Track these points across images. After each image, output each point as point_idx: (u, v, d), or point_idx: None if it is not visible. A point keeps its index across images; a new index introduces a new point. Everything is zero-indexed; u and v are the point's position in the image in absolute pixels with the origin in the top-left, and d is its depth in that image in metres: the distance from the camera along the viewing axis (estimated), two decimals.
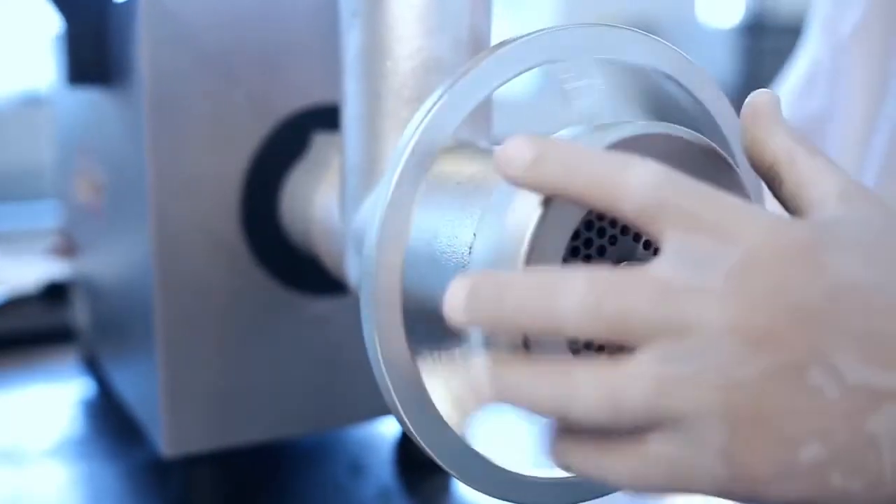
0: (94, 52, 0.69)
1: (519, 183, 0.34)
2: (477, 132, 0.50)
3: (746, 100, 0.39)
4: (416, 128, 0.39)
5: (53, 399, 0.90)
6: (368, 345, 0.40)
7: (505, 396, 0.33)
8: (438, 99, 0.39)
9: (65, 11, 0.70)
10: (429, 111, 0.39)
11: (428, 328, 0.42)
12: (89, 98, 0.77)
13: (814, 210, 0.36)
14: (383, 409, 0.42)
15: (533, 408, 0.32)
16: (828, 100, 0.69)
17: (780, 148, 0.37)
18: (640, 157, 0.33)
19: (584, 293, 0.31)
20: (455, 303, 0.33)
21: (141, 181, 0.62)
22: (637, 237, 0.39)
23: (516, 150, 0.33)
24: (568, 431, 0.34)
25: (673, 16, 3.71)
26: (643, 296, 0.31)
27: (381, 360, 0.39)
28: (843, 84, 0.65)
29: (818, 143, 0.69)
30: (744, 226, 0.32)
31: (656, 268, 0.32)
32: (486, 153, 0.47)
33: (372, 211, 0.40)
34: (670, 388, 0.31)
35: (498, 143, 0.39)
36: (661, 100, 0.44)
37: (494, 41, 0.43)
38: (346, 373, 0.68)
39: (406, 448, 0.74)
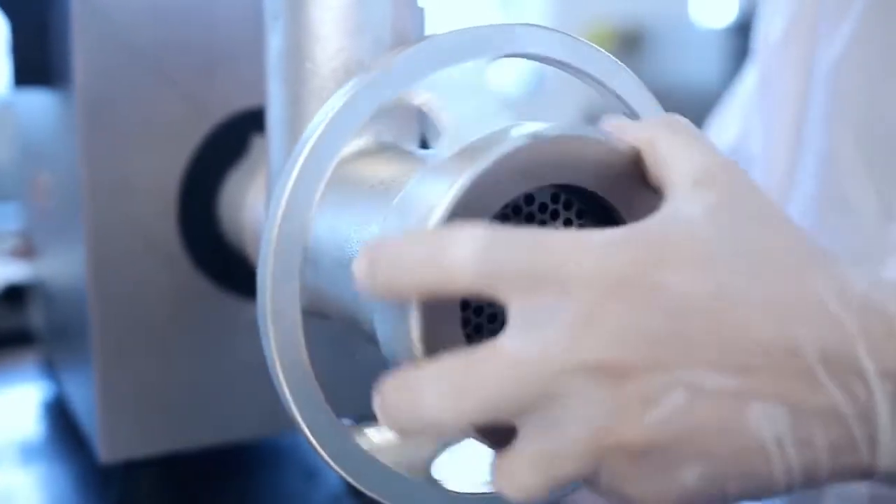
0: (36, 53, 0.69)
1: (372, 295, 0.34)
2: (402, 134, 0.49)
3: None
4: (314, 132, 0.38)
5: (11, 402, 0.90)
6: (268, 358, 0.39)
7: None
8: (340, 101, 0.38)
9: (8, 12, 0.69)
10: (328, 113, 0.38)
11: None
12: (40, 100, 0.76)
13: (667, 196, 0.35)
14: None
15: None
16: (751, 121, 0.66)
17: (639, 131, 0.36)
18: (462, 228, 0.32)
19: (443, 388, 0.31)
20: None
21: (76, 183, 0.62)
22: None
23: (355, 268, 0.33)
24: None
25: (665, 15, 3.70)
26: (499, 381, 0.31)
27: (282, 378, 0.39)
28: (767, 103, 0.62)
29: (747, 159, 0.65)
30: (578, 265, 0.31)
31: (507, 342, 0.32)
32: (408, 156, 0.46)
33: (268, 219, 0.39)
34: (549, 461, 0.31)
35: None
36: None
37: None
38: None
39: None
